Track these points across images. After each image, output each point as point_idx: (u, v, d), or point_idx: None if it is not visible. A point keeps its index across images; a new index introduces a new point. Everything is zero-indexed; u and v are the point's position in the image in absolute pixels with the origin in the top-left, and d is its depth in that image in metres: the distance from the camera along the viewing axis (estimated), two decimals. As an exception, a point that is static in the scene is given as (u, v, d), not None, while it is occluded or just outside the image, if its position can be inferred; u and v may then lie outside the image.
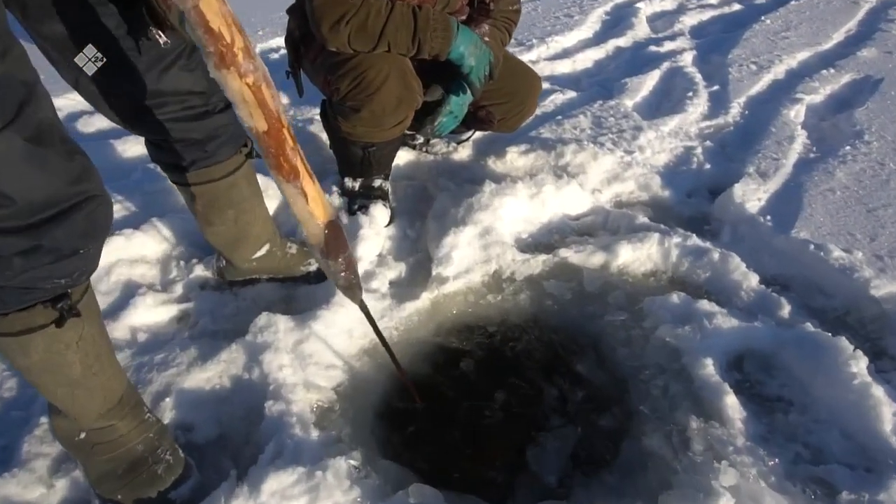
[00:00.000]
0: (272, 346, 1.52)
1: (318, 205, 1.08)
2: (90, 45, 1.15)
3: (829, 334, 1.49)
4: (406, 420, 1.51)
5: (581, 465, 1.41)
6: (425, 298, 1.76)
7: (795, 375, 1.47)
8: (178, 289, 1.82)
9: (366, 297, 1.70)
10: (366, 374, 1.58)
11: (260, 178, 1.67)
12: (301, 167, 1.02)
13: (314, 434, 1.34)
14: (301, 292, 1.81)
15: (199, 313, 1.74)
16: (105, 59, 1.17)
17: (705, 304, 1.63)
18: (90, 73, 1.18)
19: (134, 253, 1.90)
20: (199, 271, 1.86)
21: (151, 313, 1.72)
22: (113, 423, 1.22)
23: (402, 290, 1.80)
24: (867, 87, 2.92)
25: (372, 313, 1.69)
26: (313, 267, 1.85)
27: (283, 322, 1.59)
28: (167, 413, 1.42)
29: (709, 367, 1.46)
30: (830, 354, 1.44)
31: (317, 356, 1.55)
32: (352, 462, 1.27)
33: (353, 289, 1.28)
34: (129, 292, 1.77)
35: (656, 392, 1.48)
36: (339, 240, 1.15)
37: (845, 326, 1.67)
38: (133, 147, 2.56)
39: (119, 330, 1.65)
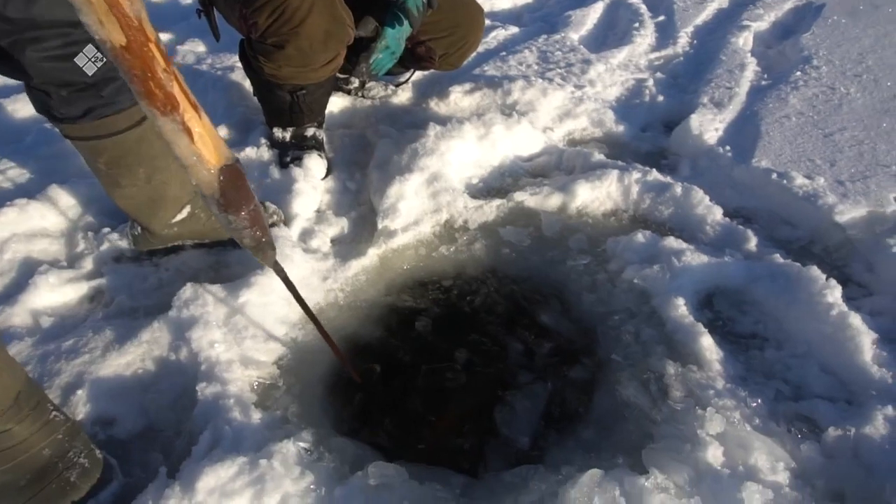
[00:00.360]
0: (201, 320, 1.36)
1: (207, 144, 0.88)
2: (90, 45, 1.08)
3: (800, 265, 1.44)
4: (361, 391, 1.38)
5: (554, 423, 1.32)
6: (372, 255, 1.63)
7: (768, 310, 1.43)
8: (88, 263, 1.62)
9: (306, 257, 1.54)
10: (311, 343, 1.43)
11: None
12: (180, 96, 0.82)
13: (256, 416, 1.20)
14: (231, 258, 1.64)
15: (114, 290, 1.55)
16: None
17: (671, 242, 1.55)
18: (90, 74, 1.12)
19: (32, 226, 1.69)
20: (112, 242, 1.66)
21: (56, 294, 1.52)
22: (9, 427, 1.02)
23: (346, 248, 1.67)
24: (810, 12, 2.88)
25: (315, 275, 1.53)
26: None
27: (211, 292, 1.43)
28: (81, 408, 1.25)
29: (681, 308, 1.39)
30: (803, 286, 1.39)
31: (253, 328, 1.39)
32: (301, 444, 1.15)
33: (264, 248, 1.10)
34: (28, 271, 1.56)
35: (627, 338, 1.40)
36: (240, 189, 0.96)
37: (811, 256, 1.63)
38: (27, 107, 2.26)
39: (17, 316, 1.45)
